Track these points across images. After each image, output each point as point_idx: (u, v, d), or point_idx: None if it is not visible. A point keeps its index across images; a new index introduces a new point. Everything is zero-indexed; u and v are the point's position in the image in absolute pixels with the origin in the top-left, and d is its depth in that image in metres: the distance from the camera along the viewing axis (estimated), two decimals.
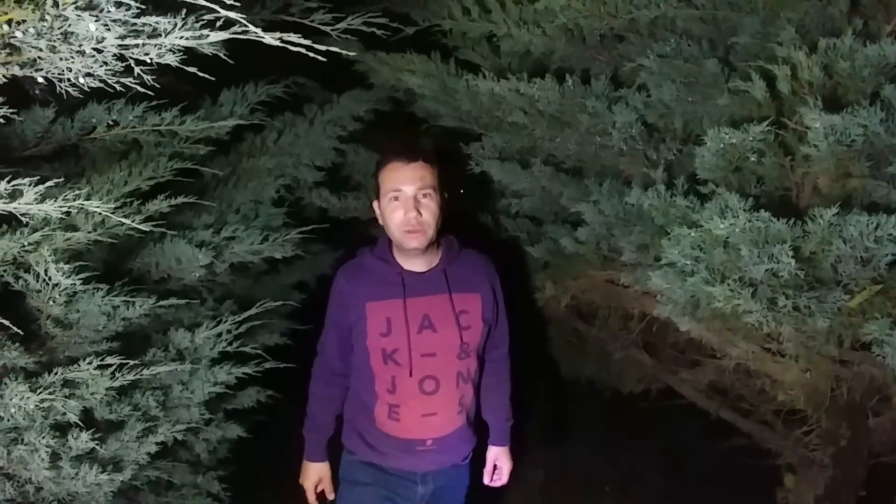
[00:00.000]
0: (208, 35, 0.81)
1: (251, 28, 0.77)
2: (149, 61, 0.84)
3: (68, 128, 1.57)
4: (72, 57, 0.80)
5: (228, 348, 2.05)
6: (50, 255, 1.28)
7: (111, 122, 1.63)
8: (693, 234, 1.63)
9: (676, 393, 3.08)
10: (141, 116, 1.66)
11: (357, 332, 1.71)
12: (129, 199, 1.60)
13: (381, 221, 1.71)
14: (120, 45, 0.79)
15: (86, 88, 0.86)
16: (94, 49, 0.80)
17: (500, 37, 2.30)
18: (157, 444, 1.75)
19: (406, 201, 1.61)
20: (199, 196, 1.95)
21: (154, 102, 1.69)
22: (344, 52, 0.91)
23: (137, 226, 1.30)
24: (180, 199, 1.68)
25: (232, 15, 0.75)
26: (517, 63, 2.36)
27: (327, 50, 0.87)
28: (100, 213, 1.28)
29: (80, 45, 0.78)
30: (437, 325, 1.69)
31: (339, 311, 1.75)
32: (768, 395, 2.45)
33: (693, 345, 2.67)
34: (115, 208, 1.56)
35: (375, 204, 1.70)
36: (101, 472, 1.55)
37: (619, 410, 3.62)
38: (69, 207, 1.00)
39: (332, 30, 1.08)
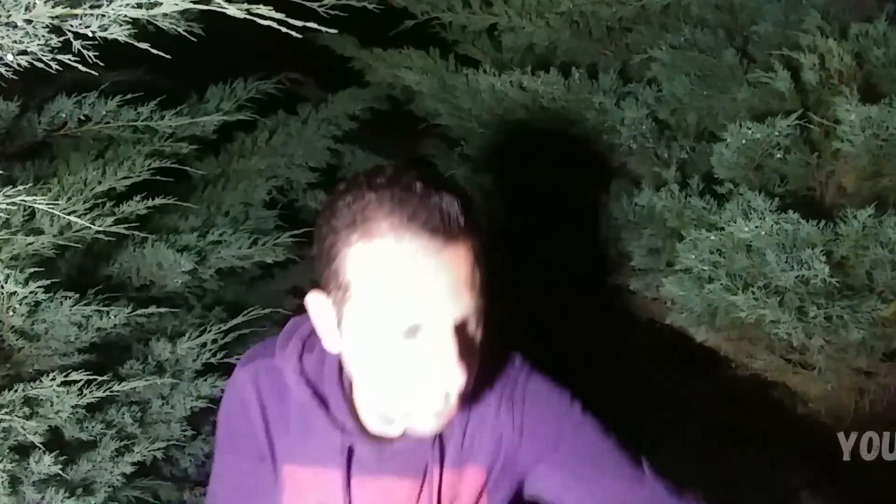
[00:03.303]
0: (160, 3, 0.69)
1: None
2: (90, 35, 0.72)
3: (35, 123, 1.45)
4: (1, 30, 0.68)
5: (213, 359, 1.93)
6: (4, 261, 1.16)
7: (83, 117, 1.51)
8: (712, 238, 1.51)
9: (686, 403, 2.97)
10: (115, 111, 1.54)
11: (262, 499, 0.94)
12: (101, 200, 1.49)
13: (332, 346, 0.81)
14: (54, 16, 0.67)
15: (17, 67, 0.74)
16: (25, 20, 0.67)
17: (502, 30, 2.20)
18: (133, 463, 1.62)
19: (440, 347, 0.72)
20: (185, 198, 1.84)
21: (129, 96, 1.58)
22: (323, 29, 0.79)
23: (106, 228, 1.19)
24: (158, 201, 1.57)
25: None
26: (519, 58, 2.26)
27: (303, 26, 0.75)
28: (63, 216, 1.16)
29: (8, 15, 0.66)
30: None
31: (251, 453, 0.92)
32: (785, 408, 2.35)
33: (705, 354, 2.57)
34: (87, 209, 1.45)
35: (321, 301, 0.79)
36: (70, 497, 1.43)
37: (622, 414, 3.50)
38: (9, 205, 0.88)
39: (319, 6, 0.96)
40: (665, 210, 1.76)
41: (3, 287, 1.20)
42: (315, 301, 0.79)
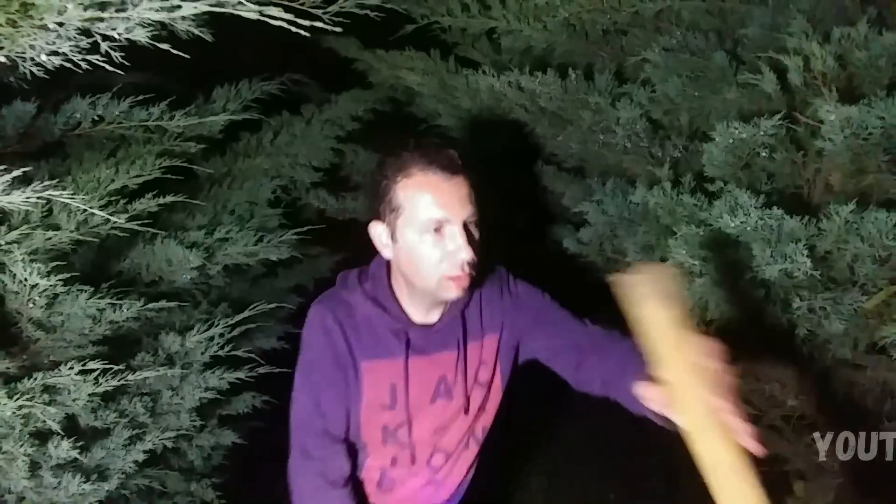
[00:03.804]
0: (180, 6, 0.75)
1: None
2: (117, 37, 0.78)
3: (51, 123, 1.51)
4: (34, 32, 0.74)
5: (220, 352, 1.99)
6: (25, 255, 1.22)
7: (96, 118, 1.57)
8: (701, 234, 1.56)
9: None
10: (127, 112, 1.60)
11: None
12: (115, 198, 1.55)
13: (387, 254, 1.25)
14: (84, 19, 0.73)
15: (50, 67, 0.80)
16: (57, 23, 0.74)
17: (501, 33, 2.25)
18: (145, 451, 1.69)
19: (455, 237, 1.16)
20: (192, 196, 1.89)
21: (141, 97, 1.64)
22: (329, 27, 0.85)
23: (121, 224, 1.25)
24: (168, 199, 1.63)
25: None
26: (518, 60, 2.31)
27: (311, 25, 0.81)
28: (82, 212, 1.22)
29: (41, 19, 0.73)
30: (453, 389, 1.32)
31: (324, 373, 1.26)
32: (777, 401, 2.39)
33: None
34: (101, 206, 1.51)
35: (378, 227, 1.23)
36: (85, 482, 1.49)
37: (624, 415, 3.56)
38: (37, 199, 0.94)
39: (323, 13, 1.02)
40: (658, 207, 1.80)
41: (26, 280, 1.26)
42: (375, 227, 1.23)
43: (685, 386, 0.88)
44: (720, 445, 0.83)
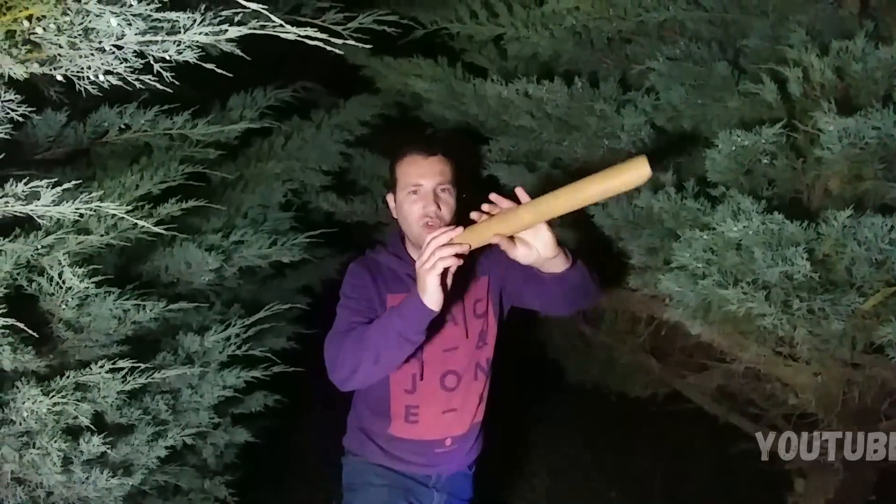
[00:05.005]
0: (227, 31, 0.81)
1: (273, 19, 0.77)
2: (168, 58, 0.84)
3: (80, 131, 1.57)
4: (92, 54, 0.80)
5: (237, 352, 2.04)
6: (64, 258, 1.27)
7: (123, 126, 1.63)
8: (705, 237, 1.62)
9: (684, 397, 3.06)
10: (152, 120, 1.66)
11: None
12: (140, 203, 1.61)
13: (394, 214, 1.69)
14: (140, 42, 0.79)
15: (105, 86, 0.86)
16: (115, 46, 0.80)
17: (507, 40, 2.29)
18: (167, 447, 1.74)
19: (425, 196, 1.59)
20: (207, 200, 1.95)
21: (165, 106, 1.70)
22: (359, 45, 0.91)
23: (151, 227, 1.30)
24: (191, 203, 1.68)
25: (253, 6, 0.75)
26: (524, 67, 2.36)
27: (343, 43, 0.87)
28: (112, 217, 1.28)
29: (100, 42, 0.78)
30: (456, 316, 1.68)
31: (362, 292, 1.65)
32: (778, 399, 2.43)
33: (701, 349, 2.66)
34: (128, 211, 1.56)
35: (390, 197, 1.69)
36: (112, 477, 1.54)
37: (626, 415, 3.62)
38: (85, 210, 1.00)
39: (343, 29, 1.08)
40: (662, 211, 1.86)
41: (63, 282, 1.32)
42: (388, 196, 1.70)
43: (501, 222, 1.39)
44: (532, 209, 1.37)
